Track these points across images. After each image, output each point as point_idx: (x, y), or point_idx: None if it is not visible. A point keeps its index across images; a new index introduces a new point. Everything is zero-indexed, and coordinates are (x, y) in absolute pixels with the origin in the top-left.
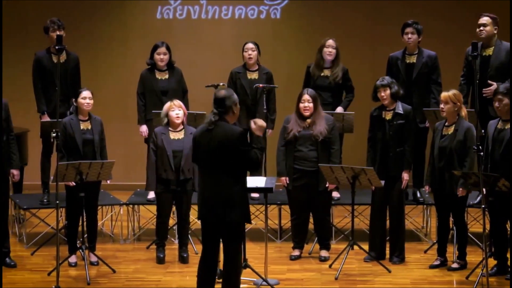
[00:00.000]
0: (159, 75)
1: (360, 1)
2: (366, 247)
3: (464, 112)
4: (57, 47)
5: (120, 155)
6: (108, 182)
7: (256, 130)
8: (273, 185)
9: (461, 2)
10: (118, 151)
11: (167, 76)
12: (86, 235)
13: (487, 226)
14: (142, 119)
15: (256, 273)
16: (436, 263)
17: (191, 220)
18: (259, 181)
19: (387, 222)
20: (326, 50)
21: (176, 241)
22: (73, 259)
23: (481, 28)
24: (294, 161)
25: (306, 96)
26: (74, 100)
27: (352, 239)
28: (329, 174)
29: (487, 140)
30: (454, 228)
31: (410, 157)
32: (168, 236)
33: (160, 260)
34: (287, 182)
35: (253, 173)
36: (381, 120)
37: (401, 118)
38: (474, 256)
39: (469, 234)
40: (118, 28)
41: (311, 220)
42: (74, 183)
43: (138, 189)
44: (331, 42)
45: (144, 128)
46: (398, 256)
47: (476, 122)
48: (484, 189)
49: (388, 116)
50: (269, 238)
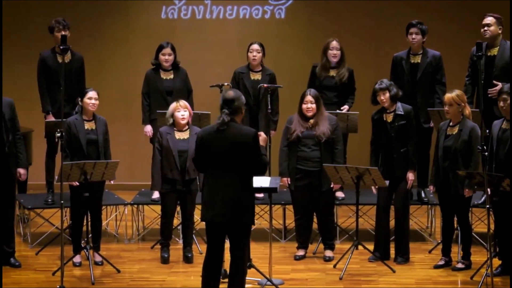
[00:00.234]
0: (164, 75)
1: (364, 1)
2: (371, 247)
3: (468, 111)
4: (61, 47)
5: (124, 155)
6: (111, 182)
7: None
8: (278, 185)
9: (461, 2)
10: (122, 151)
11: (172, 76)
12: (90, 235)
13: (492, 226)
14: (147, 119)
15: (261, 273)
16: (440, 263)
17: (195, 220)
18: (264, 181)
19: (392, 222)
20: (330, 52)
21: (181, 241)
22: (77, 259)
23: (485, 28)
24: (297, 162)
25: (308, 97)
26: (79, 99)
27: (356, 239)
28: (333, 174)
29: (491, 140)
30: (459, 228)
31: (413, 156)
32: (173, 236)
33: (165, 260)
34: (289, 182)
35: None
36: (383, 123)
37: (402, 118)
38: (478, 256)
39: (473, 234)
40: (122, 28)
41: (315, 220)
42: (78, 183)
43: (143, 189)
44: (335, 43)
45: (148, 128)
46: (403, 256)
47: (481, 122)
48: (488, 189)
49: (389, 118)
50: (274, 238)
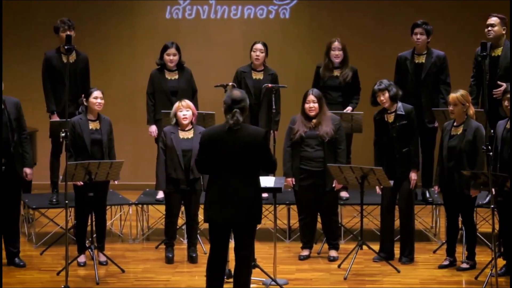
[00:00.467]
0: (168, 75)
1: (368, 2)
2: (375, 247)
3: (472, 110)
4: (66, 47)
5: (128, 155)
6: (115, 182)
7: None
8: (282, 185)
9: (462, 2)
10: (126, 151)
11: (176, 76)
12: (95, 235)
13: (496, 226)
14: (152, 119)
15: (265, 273)
16: (445, 263)
17: (199, 219)
18: (268, 181)
19: (396, 222)
20: (333, 53)
21: (185, 241)
22: (82, 258)
23: (489, 28)
24: (301, 162)
25: (311, 97)
26: (84, 99)
27: (361, 239)
28: (338, 174)
29: (496, 140)
30: (463, 228)
31: (415, 156)
32: (177, 236)
33: (169, 260)
34: (293, 182)
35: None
36: (384, 123)
37: (403, 118)
38: (483, 256)
39: (478, 234)
40: (126, 28)
41: (319, 220)
42: (82, 183)
43: (147, 189)
44: (336, 44)
45: (153, 128)
46: (407, 256)
47: (486, 122)
48: (493, 189)
49: (390, 118)
50: (278, 238)
